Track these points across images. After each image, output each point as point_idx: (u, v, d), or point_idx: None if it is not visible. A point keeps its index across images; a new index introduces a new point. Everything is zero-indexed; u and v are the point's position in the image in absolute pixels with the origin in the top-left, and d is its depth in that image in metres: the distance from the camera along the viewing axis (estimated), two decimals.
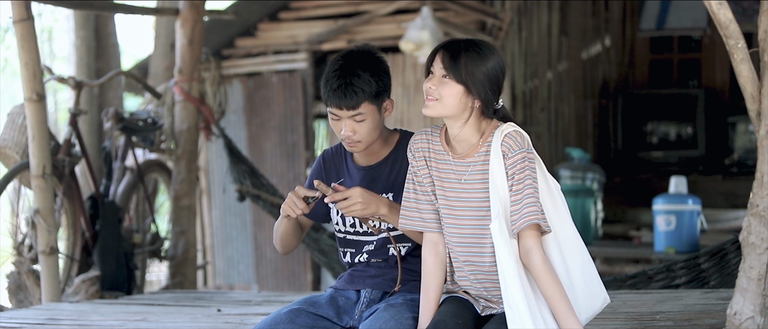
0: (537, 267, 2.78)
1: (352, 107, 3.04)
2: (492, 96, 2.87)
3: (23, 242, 5.16)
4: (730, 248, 4.64)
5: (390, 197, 3.17)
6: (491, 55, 2.87)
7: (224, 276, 9.59)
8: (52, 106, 12.09)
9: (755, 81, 3.03)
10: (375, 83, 3.06)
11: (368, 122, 3.07)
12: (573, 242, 2.91)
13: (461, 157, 2.93)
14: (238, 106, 9.36)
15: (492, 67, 2.86)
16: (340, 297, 3.22)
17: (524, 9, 9.01)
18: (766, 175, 3.01)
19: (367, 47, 3.15)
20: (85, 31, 7.77)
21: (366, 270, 3.24)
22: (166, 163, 6.49)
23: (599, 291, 2.92)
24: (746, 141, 9.40)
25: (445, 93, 2.85)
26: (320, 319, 3.11)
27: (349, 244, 3.26)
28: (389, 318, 2.96)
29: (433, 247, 3.00)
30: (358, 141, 3.10)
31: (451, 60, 2.85)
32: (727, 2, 3.01)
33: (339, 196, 3.02)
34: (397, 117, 8.61)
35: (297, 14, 9.23)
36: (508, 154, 2.84)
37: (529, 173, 2.82)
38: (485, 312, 2.96)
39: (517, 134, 2.86)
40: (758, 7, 3.04)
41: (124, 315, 4.54)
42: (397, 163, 3.18)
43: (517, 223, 2.80)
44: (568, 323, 2.76)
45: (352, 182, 3.21)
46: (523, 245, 2.80)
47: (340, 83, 3.03)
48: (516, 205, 2.81)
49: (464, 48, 2.86)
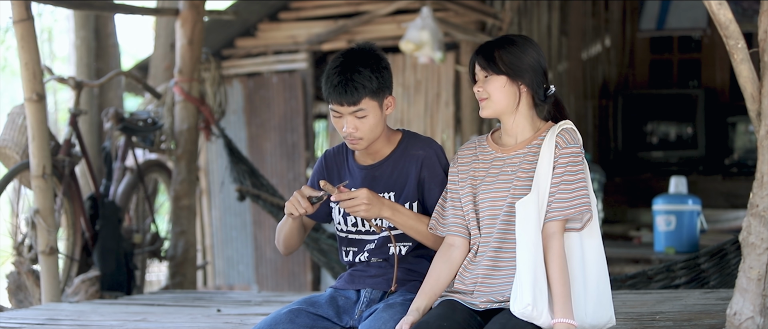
0: (553, 252, 2.82)
1: (353, 102, 3.05)
2: (536, 79, 2.93)
3: (23, 242, 5.16)
4: (730, 248, 4.64)
5: (391, 196, 3.17)
6: (524, 43, 2.95)
7: (224, 276, 9.58)
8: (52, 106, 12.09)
9: (755, 81, 3.03)
10: (376, 79, 3.07)
11: (370, 118, 3.08)
12: (596, 251, 2.94)
13: (511, 149, 2.97)
14: (238, 106, 9.36)
15: (528, 52, 2.93)
16: (339, 297, 3.22)
17: (524, 9, 9.00)
18: (766, 175, 3.01)
19: (368, 45, 3.17)
20: (85, 31, 7.78)
21: (366, 269, 3.24)
22: (166, 163, 6.49)
23: (608, 307, 2.95)
24: (746, 141, 9.40)
25: (492, 88, 2.93)
26: (320, 319, 3.11)
27: (351, 243, 3.26)
28: (388, 319, 2.97)
29: (448, 249, 3.03)
30: (360, 138, 3.11)
31: (487, 58, 2.94)
32: (727, 2, 3.01)
33: (345, 196, 3.02)
34: (397, 117, 8.61)
35: (297, 14, 9.23)
36: (562, 145, 2.88)
37: (581, 168, 2.88)
38: (485, 303, 2.95)
39: (574, 131, 2.93)
40: (758, 7, 3.04)
41: (124, 316, 4.54)
42: (399, 163, 3.18)
43: (566, 211, 2.83)
44: (563, 312, 2.78)
45: (354, 181, 3.22)
46: (548, 227, 2.84)
47: (340, 79, 3.05)
48: (566, 193, 2.85)
49: (497, 44, 2.95)
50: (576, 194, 2.85)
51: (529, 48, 2.94)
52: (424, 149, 3.18)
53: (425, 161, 3.15)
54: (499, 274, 2.94)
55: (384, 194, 3.17)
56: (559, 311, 2.79)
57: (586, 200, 2.86)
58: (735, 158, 9.48)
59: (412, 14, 8.44)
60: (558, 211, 2.85)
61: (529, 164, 2.92)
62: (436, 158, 3.17)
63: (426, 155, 3.16)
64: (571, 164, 2.87)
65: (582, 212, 2.85)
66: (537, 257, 2.81)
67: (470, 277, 2.99)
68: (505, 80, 2.92)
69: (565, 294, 2.80)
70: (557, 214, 2.85)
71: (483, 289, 2.96)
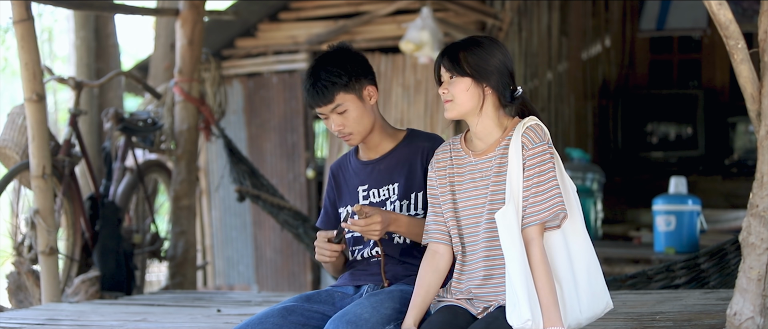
0: (535, 259, 2.81)
1: (328, 101, 3.12)
2: (502, 80, 2.90)
3: (23, 242, 5.16)
4: (729, 248, 4.64)
5: (395, 187, 3.19)
6: (490, 44, 2.93)
7: (224, 277, 9.58)
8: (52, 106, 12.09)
9: (755, 81, 3.03)
10: (345, 73, 3.12)
11: (351, 111, 3.13)
12: (581, 242, 2.92)
13: (482, 153, 2.95)
14: (238, 106, 9.36)
15: (494, 54, 2.91)
16: (337, 294, 3.23)
17: (524, 9, 9.00)
18: (766, 175, 3.01)
19: (339, 44, 3.22)
20: (85, 31, 7.78)
21: (367, 268, 3.25)
22: (166, 163, 6.49)
23: (603, 294, 2.93)
24: (746, 141, 9.40)
25: (456, 91, 2.90)
26: (314, 315, 3.12)
27: (356, 242, 3.28)
28: (368, 305, 2.98)
29: (433, 256, 3.02)
30: (349, 133, 3.17)
31: (452, 60, 2.92)
32: (727, 2, 3.01)
33: (361, 224, 3.03)
34: (397, 117, 8.61)
35: (297, 14, 9.23)
36: (528, 145, 2.86)
37: (550, 166, 2.85)
38: (482, 313, 2.96)
39: (539, 127, 2.90)
40: (758, 8, 3.04)
41: (123, 316, 4.54)
42: (403, 155, 3.21)
43: (542, 214, 2.82)
44: (551, 320, 2.78)
45: (359, 179, 3.25)
46: (526, 233, 2.83)
47: (311, 82, 3.13)
48: (539, 196, 2.83)
49: (462, 46, 2.93)
50: (548, 195, 2.83)
51: (495, 50, 2.92)
52: (430, 141, 3.22)
53: (431, 152, 3.16)
54: (493, 282, 2.94)
55: (389, 186, 3.21)
56: (547, 320, 2.78)
57: (559, 200, 2.83)
58: (735, 158, 9.48)
59: (412, 14, 8.44)
60: (533, 216, 2.83)
61: (499, 167, 2.90)
62: None
63: (431, 147, 3.17)
64: (539, 163, 2.85)
65: (556, 214, 2.83)
66: (527, 267, 2.80)
67: (466, 286, 2.98)
68: (469, 82, 2.89)
69: (552, 302, 2.79)
70: (533, 219, 2.83)
71: (480, 296, 2.96)
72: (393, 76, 8.75)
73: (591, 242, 2.96)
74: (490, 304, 2.93)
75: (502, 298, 2.87)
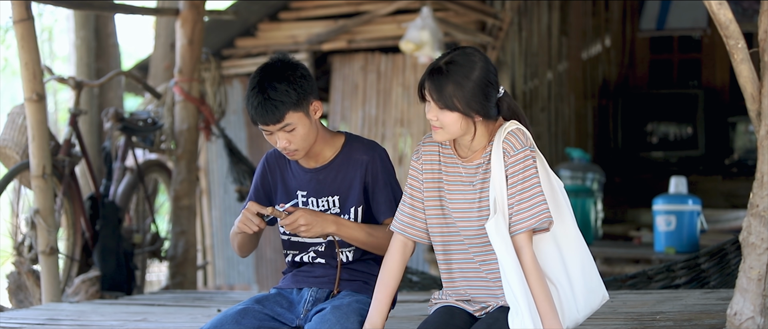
0: (526, 266, 2.80)
1: (277, 120, 3.05)
2: (489, 101, 2.85)
3: (23, 242, 5.16)
4: (730, 248, 4.64)
5: (336, 200, 3.19)
6: (474, 66, 2.82)
7: (224, 276, 9.59)
8: (52, 106, 12.10)
9: (755, 81, 3.03)
10: (294, 92, 3.05)
11: (299, 129, 3.09)
12: (573, 241, 2.92)
13: (470, 160, 2.94)
14: (238, 106, 9.36)
15: (478, 78, 2.82)
16: (283, 297, 3.24)
17: (524, 9, 9.00)
18: (766, 175, 3.01)
19: (281, 56, 3.14)
20: (85, 31, 7.78)
21: (311, 270, 3.28)
22: (166, 163, 6.49)
23: (598, 289, 2.94)
24: (746, 141, 9.41)
25: (446, 121, 2.84)
26: (267, 318, 3.14)
27: (293, 246, 3.29)
28: (335, 322, 2.98)
29: (402, 248, 3.02)
30: (295, 149, 3.13)
31: (439, 92, 2.82)
32: (727, 2, 3.01)
33: (285, 221, 3.06)
34: (397, 117, 8.61)
35: (297, 14, 9.23)
36: (510, 152, 2.84)
37: (533, 172, 2.83)
38: (480, 313, 2.96)
39: (520, 132, 2.87)
40: (758, 7, 3.04)
41: (124, 316, 4.54)
42: (344, 167, 3.20)
43: (528, 221, 2.80)
44: (550, 323, 2.78)
45: (298, 183, 3.24)
46: (515, 241, 2.82)
47: (259, 99, 3.04)
48: (524, 203, 2.81)
49: (446, 73, 2.81)
50: (533, 202, 2.81)
51: (476, 70, 2.81)
52: (368, 153, 3.19)
53: (369, 165, 3.16)
54: (489, 283, 2.94)
55: (329, 198, 3.20)
56: (546, 323, 2.78)
57: (544, 207, 2.81)
58: (735, 158, 9.48)
59: (412, 14, 8.44)
60: (520, 224, 2.81)
61: (485, 173, 2.90)
62: (380, 163, 3.18)
63: (370, 160, 3.17)
64: (522, 170, 2.83)
65: (542, 221, 2.81)
66: (522, 275, 2.80)
67: (461, 286, 2.99)
68: (458, 116, 2.83)
69: (548, 309, 2.79)
70: (520, 227, 2.81)
71: (477, 297, 2.97)
72: (393, 76, 8.75)
73: (582, 239, 2.95)
74: (489, 304, 2.94)
75: (501, 298, 2.88)
